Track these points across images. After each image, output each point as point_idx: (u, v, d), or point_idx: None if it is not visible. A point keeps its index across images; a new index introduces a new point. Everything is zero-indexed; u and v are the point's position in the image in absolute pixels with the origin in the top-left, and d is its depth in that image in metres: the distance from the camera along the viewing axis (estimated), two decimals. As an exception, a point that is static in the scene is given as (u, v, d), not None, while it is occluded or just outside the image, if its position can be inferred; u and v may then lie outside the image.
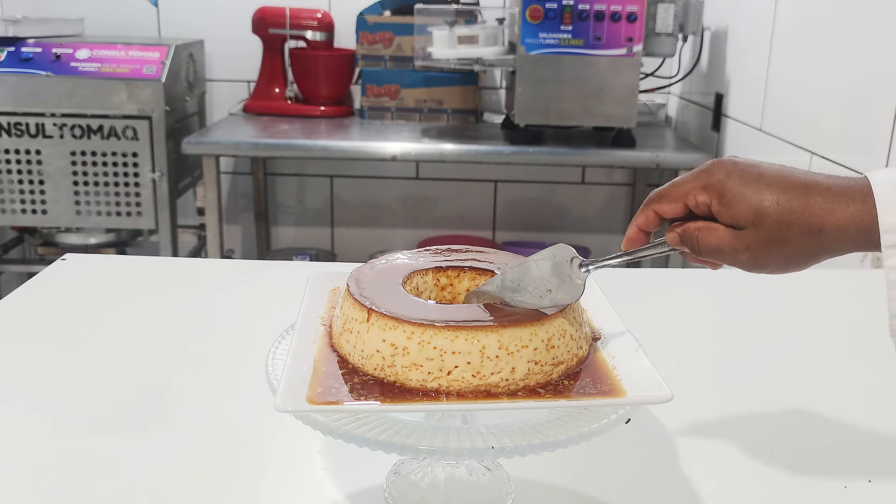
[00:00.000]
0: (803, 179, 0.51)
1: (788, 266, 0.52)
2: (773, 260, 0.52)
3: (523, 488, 0.61)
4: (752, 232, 0.51)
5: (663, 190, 0.55)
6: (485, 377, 0.50)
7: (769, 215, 0.50)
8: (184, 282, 1.05)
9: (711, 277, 1.18)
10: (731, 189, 0.51)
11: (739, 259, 0.52)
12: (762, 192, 0.50)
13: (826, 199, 0.50)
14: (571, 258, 0.55)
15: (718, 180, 0.52)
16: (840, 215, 0.50)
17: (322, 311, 0.60)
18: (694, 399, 0.74)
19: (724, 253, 0.52)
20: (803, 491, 0.62)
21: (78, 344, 0.85)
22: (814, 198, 0.50)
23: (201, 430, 0.68)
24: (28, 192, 2.14)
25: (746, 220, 0.51)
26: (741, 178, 0.51)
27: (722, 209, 0.52)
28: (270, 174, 2.69)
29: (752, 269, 0.53)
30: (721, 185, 0.52)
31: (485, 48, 2.01)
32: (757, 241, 0.51)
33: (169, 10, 2.54)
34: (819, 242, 0.50)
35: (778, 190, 0.50)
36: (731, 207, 0.51)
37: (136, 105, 2.10)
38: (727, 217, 0.52)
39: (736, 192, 0.51)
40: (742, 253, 0.52)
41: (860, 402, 0.77)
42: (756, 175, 0.51)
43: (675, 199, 0.54)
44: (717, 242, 0.52)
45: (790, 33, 1.68)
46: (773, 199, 0.50)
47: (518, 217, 2.73)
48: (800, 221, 0.50)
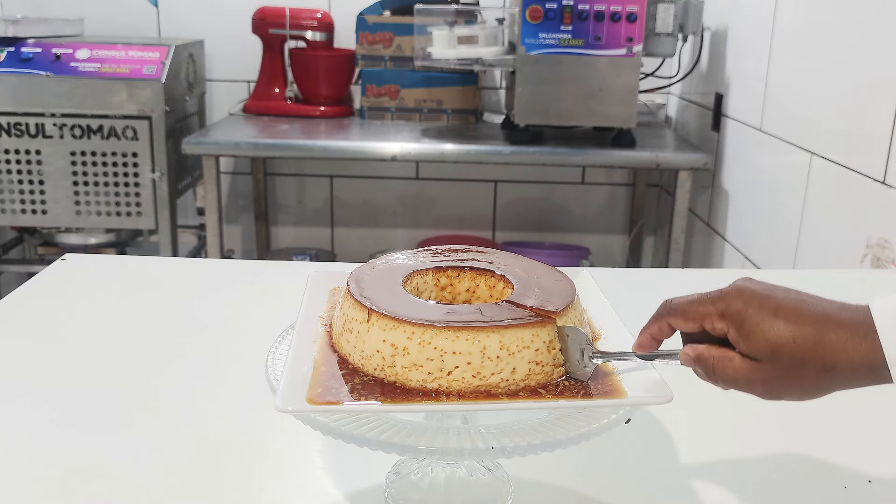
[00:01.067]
0: (817, 313, 0.52)
1: (802, 397, 0.54)
2: (788, 392, 0.53)
3: (523, 488, 0.61)
4: (768, 366, 0.52)
5: (680, 306, 0.56)
6: (485, 378, 0.50)
7: (785, 352, 0.51)
8: (184, 282, 1.05)
9: (711, 277, 1.18)
10: (749, 321, 0.52)
11: (755, 390, 0.54)
12: (779, 327, 0.51)
13: (839, 336, 0.51)
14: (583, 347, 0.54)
15: (737, 310, 0.53)
16: (852, 354, 0.51)
17: (322, 311, 0.60)
18: (694, 399, 0.74)
19: (739, 383, 0.54)
20: (803, 491, 0.62)
21: (78, 344, 0.85)
22: (827, 334, 0.51)
23: (201, 430, 0.68)
24: (28, 192, 2.14)
25: (763, 354, 0.52)
26: (759, 310, 0.52)
27: (740, 339, 0.53)
28: (270, 174, 2.69)
29: (766, 398, 0.54)
30: (740, 316, 0.53)
31: (485, 48, 2.01)
32: (773, 375, 0.52)
33: (169, 10, 2.54)
34: (832, 378, 0.52)
35: (794, 325, 0.51)
36: (748, 340, 0.52)
37: (136, 105, 2.10)
38: (744, 348, 0.53)
39: (754, 325, 0.52)
40: (758, 385, 0.53)
41: (860, 402, 0.77)
42: (773, 307, 0.52)
43: (692, 319, 0.55)
44: (734, 374, 0.53)
45: (790, 33, 1.68)
46: (789, 335, 0.51)
47: (518, 217, 2.73)
48: (814, 359, 0.51)
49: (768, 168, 1.78)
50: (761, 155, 1.81)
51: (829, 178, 1.49)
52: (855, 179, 1.38)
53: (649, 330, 0.56)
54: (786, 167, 1.67)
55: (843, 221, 1.45)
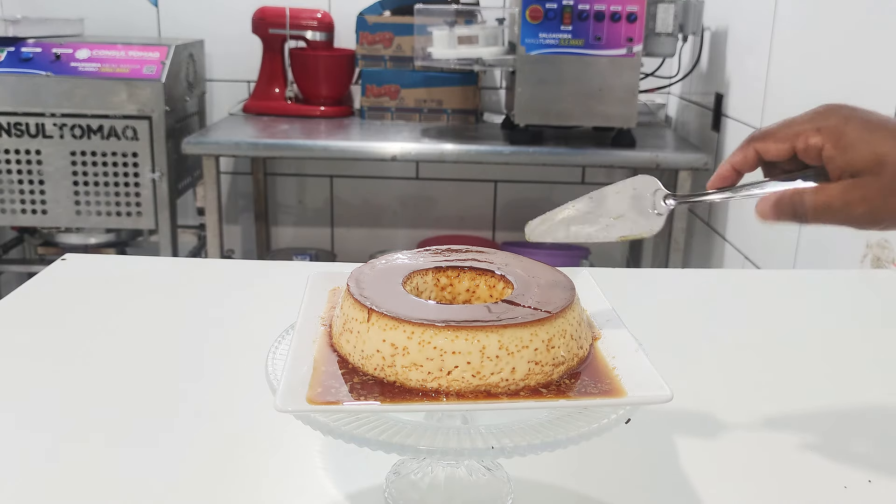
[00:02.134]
0: None
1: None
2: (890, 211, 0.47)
3: (523, 488, 0.61)
4: (870, 180, 0.47)
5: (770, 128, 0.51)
6: (485, 377, 0.50)
7: (891, 161, 0.46)
8: (184, 282, 1.05)
9: (712, 277, 1.18)
10: (850, 134, 0.48)
11: (854, 212, 0.48)
12: (885, 138, 0.47)
13: None
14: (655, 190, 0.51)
15: (835, 124, 0.48)
16: None
17: (322, 311, 0.60)
18: (694, 399, 0.74)
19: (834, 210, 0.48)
20: (803, 491, 0.62)
21: (78, 344, 0.85)
22: None
23: (201, 430, 0.68)
24: (28, 192, 2.14)
25: (865, 166, 0.47)
26: (861, 124, 0.48)
27: (837, 154, 0.48)
28: (270, 174, 2.69)
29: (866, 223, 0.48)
30: (838, 129, 0.48)
31: (485, 48, 2.01)
32: (875, 191, 0.47)
33: (169, 10, 2.54)
34: None
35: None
36: (848, 152, 0.47)
37: (136, 105, 2.10)
38: (842, 162, 0.48)
39: (855, 137, 0.47)
40: (857, 205, 0.48)
41: (860, 402, 0.77)
42: (877, 122, 0.48)
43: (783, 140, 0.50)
44: (827, 199, 0.48)
45: (790, 33, 1.68)
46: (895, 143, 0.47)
47: (518, 217, 2.73)
48: None
49: (768, 168, 1.77)
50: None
51: (829, 178, 1.48)
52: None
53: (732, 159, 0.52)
54: (786, 167, 1.67)
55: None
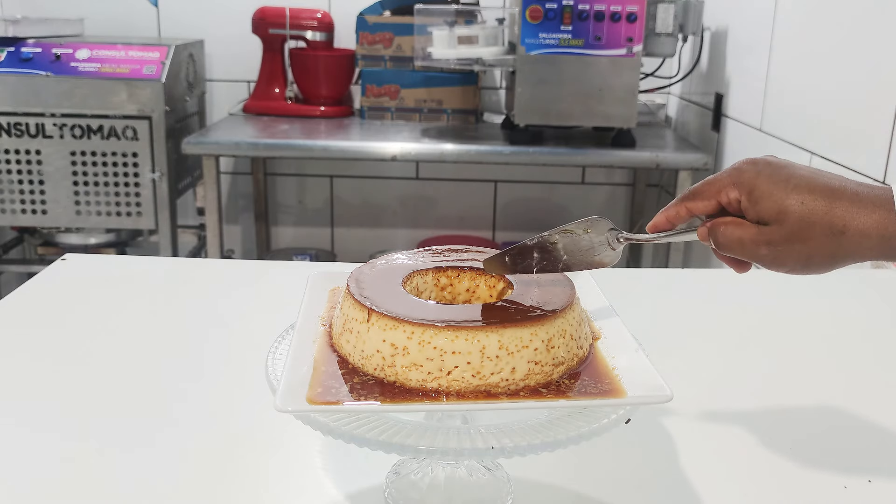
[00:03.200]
0: (831, 184, 0.53)
1: (808, 266, 0.54)
2: (793, 258, 0.53)
3: (523, 488, 0.61)
4: (775, 228, 0.53)
5: (697, 188, 0.57)
6: (485, 377, 0.50)
7: (793, 213, 0.52)
8: (184, 282, 1.05)
9: (712, 278, 1.18)
10: (760, 187, 0.53)
11: (759, 253, 0.54)
12: (789, 191, 0.52)
13: (851, 204, 0.52)
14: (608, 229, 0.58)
15: (749, 178, 0.54)
16: (864, 220, 0.51)
17: (322, 311, 0.60)
18: (694, 399, 0.74)
19: (745, 246, 0.54)
20: (803, 491, 0.62)
21: (78, 344, 0.85)
22: (839, 201, 0.52)
23: (201, 430, 0.68)
24: (28, 192, 2.14)
25: (771, 216, 0.53)
26: (770, 178, 0.53)
27: (749, 205, 0.54)
28: (270, 174, 2.69)
29: (771, 264, 0.54)
30: (751, 183, 0.54)
31: (485, 48, 2.01)
32: (779, 237, 0.53)
33: (169, 10, 2.54)
34: (840, 244, 0.52)
35: (804, 191, 0.52)
36: (758, 204, 0.53)
37: (136, 105, 2.10)
38: (754, 213, 0.53)
39: (764, 190, 0.53)
40: (763, 247, 0.53)
41: (860, 402, 0.77)
42: (785, 176, 0.53)
43: (709, 197, 0.56)
44: (741, 235, 0.54)
45: (790, 33, 1.68)
46: (798, 199, 0.52)
47: (518, 217, 2.73)
48: (822, 222, 0.51)
49: (768, 168, 1.78)
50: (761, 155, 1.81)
51: (829, 178, 1.48)
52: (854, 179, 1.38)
53: (666, 213, 0.58)
54: (786, 167, 1.67)
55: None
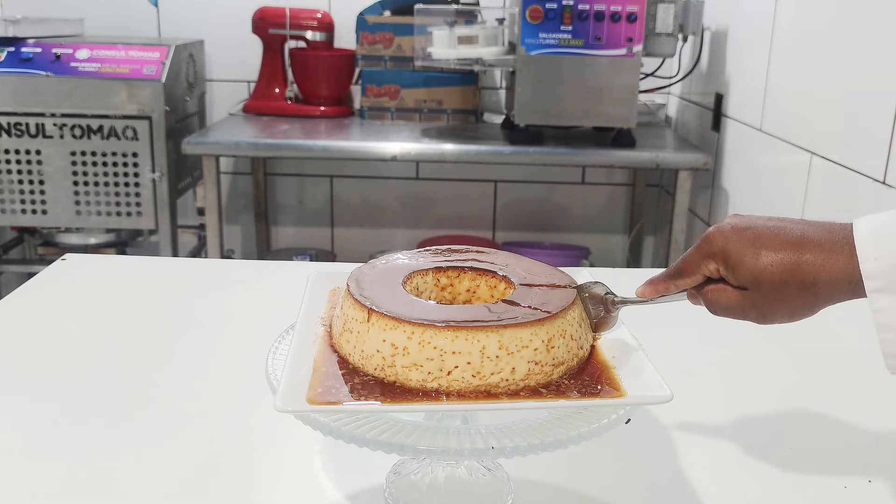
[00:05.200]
0: (794, 237, 0.55)
1: (794, 317, 0.57)
2: (778, 314, 0.56)
3: (523, 488, 0.61)
4: (754, 293, 0.56)
5: (679, 267, 0.60)
6: (485, 377, 0.50)
7: (766, 277, 0.55)
8: (184, 282, 1.05)
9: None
10: (732, 255, 0.56)
11: (749, 316, 0.57)
12: (758, 255, 0.55)
13: (816, 255, 0.54)
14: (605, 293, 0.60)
15: (719, 248, 0.57)
16: (830, 270, 0.54)
17: (322, 311, 0.60)
18: (694, 399, 0.74)
19: (734, 311, 0.58)
20: (803, 491, 0.62)
21: (78, 344, 0.84)
22: (805, 255, 0.54)
23: (201, 430, 0.68)
24: (28, 192, 2.14)
25: (747, 282, 0.55)
26: (738, 244, 0.56)
27: (728, 273, 0.57)
28: (270, 174, 2.69)
29: (762, 322, 0.58)
30: (722, 252, 0.57)
31: (485, 48, 2.01)
32: (760, 300, 0.56)
33: (169, 10, 2.54)
34: (815, 295, 0.55)
35: (771, 252, 0.55)
36: (735, 272, 0.56)
37: (136, 105, 2.10)
38: (733, 279, 0.56)
39: (736, 258, 0.56)
40: (750, 311, 0.57)
41: (860, 402, 0.77)
42: (751, 238, 0.56)
43: (692, 273, 0.59)
44: (728, 303, 0.57)
45: (790, 33, 1.68)
46: (767, 262, 0.55)
47: (518, 217, 2.73)
48: (794, 279, 0.54)
49: (768, 168, 1.78)
50: (761, 155, 1.81)
51: (828, 178, 1.49)
52: (855, 179, 1.38)
53: (654, 286, 0.61)
54: (786, 167, 1.67)
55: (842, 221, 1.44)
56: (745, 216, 0.59)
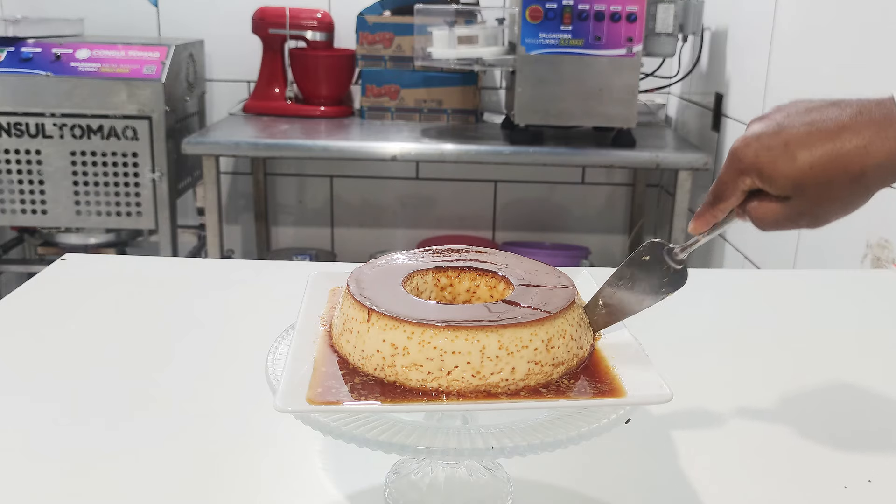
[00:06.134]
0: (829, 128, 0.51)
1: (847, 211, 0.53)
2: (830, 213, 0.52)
3: (523, 488, 0.61)
4: (799, 199, 0.52)
5: (716, 192, 0.56)
6: (485, 377, 0.50)
7: (808, 179, 0.51)
8: (183, 282, 1.05)
9: (712, 278, 1.18)
10: (765, 166, 0.52)
11: (800, 223, 0.53)
12: (794, 159, 0.51)
13: (858, 142, 0.50)
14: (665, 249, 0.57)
15: (750, 163, 0.53)
16: (877, 154, 0.50)
17: (322, 311, 0.60)
18: (694, 399, 0.74)
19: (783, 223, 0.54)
20: (803, 491, 0.62)
21: (78, 344, 0.84)
22: (846, 144, 0.50)
23: (201, 430, 0.68)
24: (28, 192, 2.14)
25: (790, 190, 0.51)
26: (769, 152, 0.52)
27: (766, 185, 0.53)
28: (270, 174, 2.69)
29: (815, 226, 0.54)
30: (755, 167, 0.53)
31: (485, 48, 2.01)
32: (807, 205, 0.52)
33: (169, 10, 2.54)
34: (865, 185, 0.51)
35: (807, 152, 0.50)
36: (772, 184, 0.52)
37: (136, 105, 2.10)
38: (773, 191, 0.52)
39: (770, 168, 0.52)
40: (799, 219, 0.53)
41: (860, 402, 0.77)
42: (781, 143, 0.52)
43: (731, 195, 0.55)
44: (774, 216, 0.53)
45: (790, 33, 1.68)
46: (806, 162, 0.50)
47: (518, 217, 2.73)
48: (839, 174, 0.50)
49: (768, 168, 1.78)
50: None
51: (829, 178, 1.48)
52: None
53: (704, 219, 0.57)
54: (786, 167, 1.67)
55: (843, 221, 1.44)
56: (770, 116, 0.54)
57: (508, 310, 0.54)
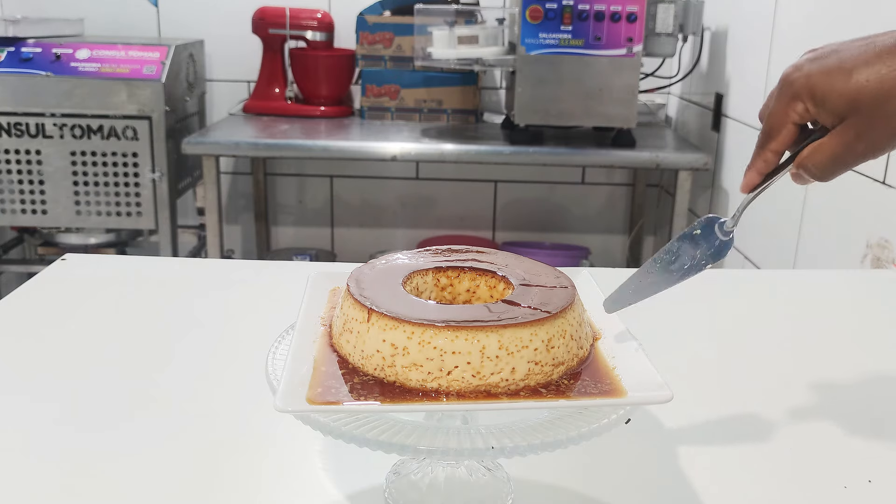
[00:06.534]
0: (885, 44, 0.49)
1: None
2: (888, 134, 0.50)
3: (523, 488, 0.61)
4: (855, 120, 0.49)
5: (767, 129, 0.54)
6: (485, 377, 0.50)
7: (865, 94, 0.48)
8: (183, 282, 1.05)
9: (711, 277, 1.18)
10: (818, 87, 0.50)
11: (857, 151, 0.50)
12: (847, 76, 0.49)
13: None
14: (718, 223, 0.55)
15: (802, 85, 0.51)
16: None
17: (322, 311, 0.60)
18: (694, 399, 0.74)
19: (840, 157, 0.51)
20: (803, 491, 0.62)
21: (77, 344, 0.84)
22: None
23: (201, 430, 0.68)
24: (28, 192, 2.14)
25: (845, 109, 0.49)
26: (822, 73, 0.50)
27: (819, 110, 0.51)
28: (270, 174, 2.69)
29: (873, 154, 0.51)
30: (807, 89, 0.51)
31: (485, 48, 2.01)
32: (864, 125, 0.49)
33: (169, 10, 2.54)
34: None
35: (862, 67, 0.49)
36: (826, 104, 0.50)
37: (136, 105, 2.10)
38: (827, 116, 0.50)
39: (824, 88, 0.50)
40: (856, 144, 0.50)
41: (860, 402, 0.77)
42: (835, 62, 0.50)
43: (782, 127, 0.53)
44: (831, 152, 0.51)
45: (790, 33, 1.68)
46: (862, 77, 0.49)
47: (518, 217, 2.73)
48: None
49: (768, 168, 1.77)
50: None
51: (829, 178, 1.48)
52: (855, 179, 1.38)
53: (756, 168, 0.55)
54: (786, 167, 1.67)
55: (843, 221, 1.45)
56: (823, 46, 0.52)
57: (508, 310, 0.54)
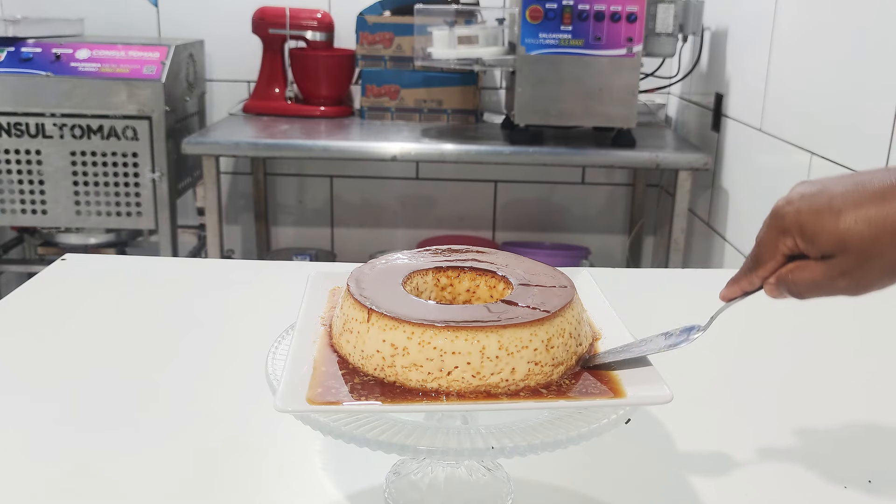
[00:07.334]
0: (875, 187, 0.50)
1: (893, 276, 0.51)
2: (874, 277, 0.50)
3: (523, 488, 0.61)
4: (842, 258, 0.50)
5: (755, 256, 0.55)
6: (485, 377, 0.50)
7: (852, 236, 0.49)
8: (183, 282, 1.05)
9: (712, 278, 1.18)
10: (808, 224, 0.51)
11: (839, 286, 0.51)
12: (838, 216, 0.49)
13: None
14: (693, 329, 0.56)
15: (792, 221, 0.52)
16: None
17: (322, 311, 0.60)
18: (694, 399, 0.74)
19: (822, 285, 0.52)
20: (803, 491, 0.62)
21: (77, 344, 0.85)
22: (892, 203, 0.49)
23: (200, 431, 0.68)
24: (28, 192, 2.14)
25: (832, 248, 0.50)
26: (812, 210, 0.51)
27: (807, 246, 0.51)
28: (270, 174, 2.69)
29: (856, 292, 0.52)
30: (797, 225, 0.51)
31: (485, 48, 2.01)
32: (850, 264, 0.50)
33: (169, 10, 2.54)
34: None
35: (852, 208, 0.49)
36: (814, 241, 0.50)
37: (136, 105, 2.10)
38: (815, 251, 0.51)
39: (813, 226, 0.50)
40: (840, 280, 0.51)
41: (860, 402, 0.77)
42: (826, 201, 0.50)
43: (770, 258, 0.54)
44: (813, 277, 0.51)
45: (790, 33, 1.68)
46: (851, 219, 0.49)
47: (518, 217, 2.73)
48: (886, 233, 0.49)
49: (768, 168, 1.78)
50: (761, 155, 1.81)
51: (829, 178, 1.49)
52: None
53: (739, 285, 0.56)
54: (786, 167, 1.67)
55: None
56: (814, 181, 0.53)
57: (508, 310, 0.54)
